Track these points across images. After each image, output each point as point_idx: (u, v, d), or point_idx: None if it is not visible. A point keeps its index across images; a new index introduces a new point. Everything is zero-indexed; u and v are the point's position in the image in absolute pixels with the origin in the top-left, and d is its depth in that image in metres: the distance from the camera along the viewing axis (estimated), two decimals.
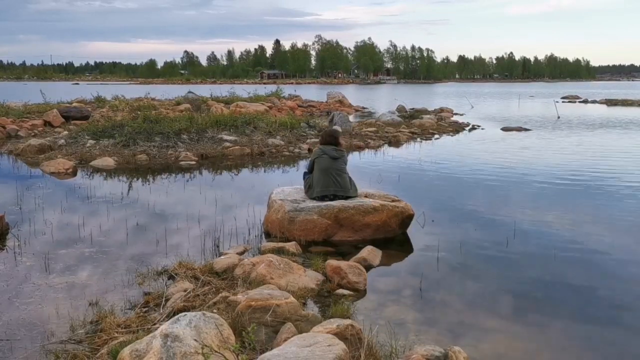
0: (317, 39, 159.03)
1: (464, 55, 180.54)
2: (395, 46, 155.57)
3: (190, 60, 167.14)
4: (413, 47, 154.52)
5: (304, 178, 6.95)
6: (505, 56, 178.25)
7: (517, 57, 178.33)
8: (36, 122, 17.03)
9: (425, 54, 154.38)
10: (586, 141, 15.63)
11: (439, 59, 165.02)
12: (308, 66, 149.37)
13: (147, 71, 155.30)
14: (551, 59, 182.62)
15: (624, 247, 6.00)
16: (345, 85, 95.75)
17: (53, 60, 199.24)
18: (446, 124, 20.20)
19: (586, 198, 8.28)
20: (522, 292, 4.80)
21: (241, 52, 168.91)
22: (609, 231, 6.59)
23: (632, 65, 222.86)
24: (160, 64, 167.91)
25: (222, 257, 5.24)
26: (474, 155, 12.90)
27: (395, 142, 15.48)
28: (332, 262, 4.97)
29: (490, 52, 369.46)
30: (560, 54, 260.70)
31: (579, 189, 8.91)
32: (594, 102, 39.26)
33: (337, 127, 15.78)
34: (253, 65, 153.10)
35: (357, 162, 11.92)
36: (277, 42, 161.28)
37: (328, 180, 6.46)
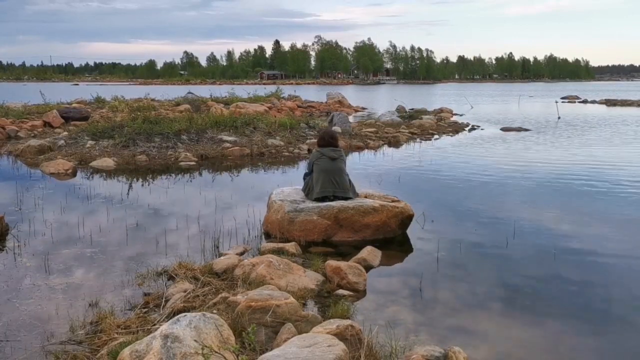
0: (316, 40, 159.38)
1: (463, 56, 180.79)
2: (394, 46, 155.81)
3: (189, 60, 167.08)
4: (412, 48, 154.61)
5: (304, 179, 6.93)
6: (504, 56, 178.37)
7: (516, 58, 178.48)
8: (36, 122, 17.03)
9: (424, 55, 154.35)
10: (586, 141, 15.63)
11: (438, 60, 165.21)
12: (307, 67, 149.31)
13: (147, 72, 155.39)
14: (551, 59, 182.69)
15: (624, 246, 5.99)
16: (345, 85, 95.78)
17: (53, 61, 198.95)
18: (446, 125, 20.20)
19: (586, 198, 8.28)
20: (521, 292, 4.80)
21: (241, 53, 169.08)
22: (608, 231, 6.59)
23: (631, 66, 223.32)
24: (159, 65, 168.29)
25: (221, 257, 5.24)
26: (473, 155, 12.90)
27: (394, 143, 15.48)
28: (332, 263, 4.97)
29: (489, 52, 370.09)
30: (559, 54, 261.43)
31: (579, 189, 8.92)
32: (593, 102, 39.28)
33: (336, 128, 15.78)
34: (253, 66, 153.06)
35: (357, 163, 11.93)
36: (277, 42, 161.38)
37: (327, 181, 6.45)
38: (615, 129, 19.35)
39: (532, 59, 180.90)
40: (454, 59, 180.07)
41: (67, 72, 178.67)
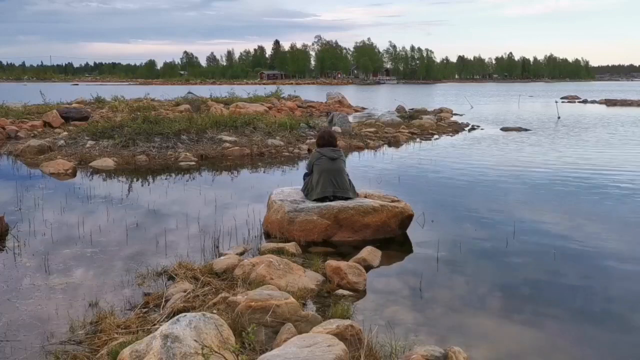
0: (316, 40, 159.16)
1: (463, 56, 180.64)
2: (394, 46, 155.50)
3: (189, 60, 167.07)
4: (412, 48, 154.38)
5: (304, 179, 6.93)
6: (504, 56, 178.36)
7: (516, 58, 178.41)
8: (36, 123, 17.02)
9: (424, 55, 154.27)
10: (586, 142, 15.63)
11: (438, 60, 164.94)
12: (307, 67, 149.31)
13: (147, 72, 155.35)
14: (550, 59, 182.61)
15: (623, 246, 6.00)
16: (345, 85, 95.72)
17: (53, 61, 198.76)
18: (446, 125, 20.20)
19: (585, 198, 8.28)
20: (521, 292, 4.80)
21: (241, 53, 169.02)
22: (608, 231, 6.59)
23: (631, 66, 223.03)
24: (159, 65, 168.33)
25: (221, 257, 5.24)
26: (473, 155, 12.90)
27: (394, 143, 15.48)
28: (332, 263, 4.97)
29: (489, 52, 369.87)
30: (559, 54, 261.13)
31: (579, 188, 8.91)
32: (593, 102, 39.29)
33: (336, 128, 15.78)
34: (252, 66, 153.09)
35: (357, 163, 11.93)
36: (277, 42, 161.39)
37: (327, 181, 6.45)
38: (613, 129, 19.34)
39: (532, 59, 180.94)
40: (454, 59, 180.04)
41: (67, 72, 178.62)
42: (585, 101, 40.55)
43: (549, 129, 19.59)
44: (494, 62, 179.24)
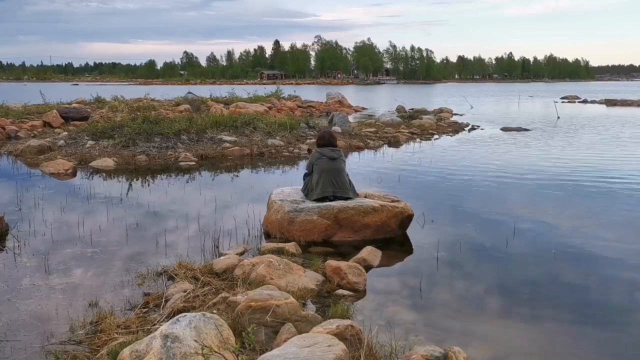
0: (316, 40, 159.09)
1: (463, 56, 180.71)
2: (394, 46, 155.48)
3: (189, 60, 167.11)
4: (412, 48, 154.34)
5: (304, 179, 6.93)
6: (504, 56, 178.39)
7: (516, 58, 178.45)
8: (36, 123, 17.03)
9: (424, 55, 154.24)
10: (585, 141, 15.62)
11: (438, 60, 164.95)
12: (307, 67, 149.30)
13: (147, 72, 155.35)
14: (550, 59, 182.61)
15: (622, 246, 6.00)
16: (345, 85, 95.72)
17: (53, 61, 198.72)
18: (445, 125, 20.19)
19: (585, 198, 8.28)
20: (521, 292, 4.80)
21: (241, 53, 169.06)
22: (608, 230, 6.59)
23: (631, 66, 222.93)
24: (159, 65, 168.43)
25: (221, 257, 5.24)
26: (473, 155, 12.90)
27: (394, 143, 15.48)
28: (332, 263, 4.97)
29: (489, 52, 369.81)
30: (559, 54, 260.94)
31: (578, 189, 8.91)
32: (593, 102, 39.29)
33: (336, 128, 15.78)
34: (252, 66, 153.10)
35: (357, 163, 11.93)
36: (277, 42, 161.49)
37: (327, 182, 6.45)
38: (612, 129, 19.32)
39: (532, 59, 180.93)
40: (454, 59, 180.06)
41: (67, 72, 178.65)
42: (585, 101, 40.54)
43: (548, 129, 19.58)
44: (494, 62, 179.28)
